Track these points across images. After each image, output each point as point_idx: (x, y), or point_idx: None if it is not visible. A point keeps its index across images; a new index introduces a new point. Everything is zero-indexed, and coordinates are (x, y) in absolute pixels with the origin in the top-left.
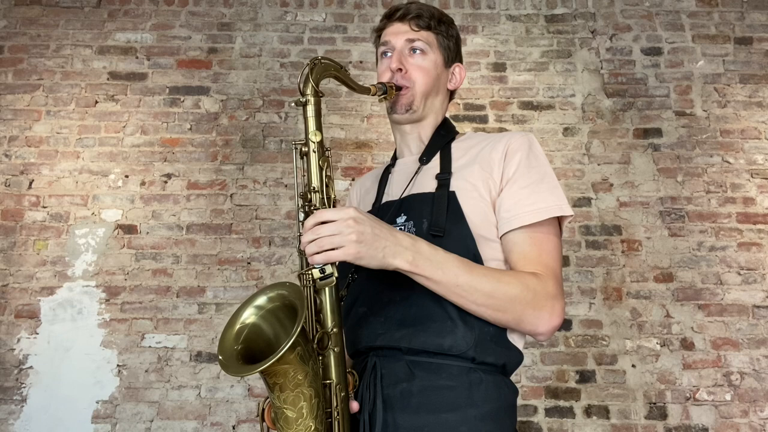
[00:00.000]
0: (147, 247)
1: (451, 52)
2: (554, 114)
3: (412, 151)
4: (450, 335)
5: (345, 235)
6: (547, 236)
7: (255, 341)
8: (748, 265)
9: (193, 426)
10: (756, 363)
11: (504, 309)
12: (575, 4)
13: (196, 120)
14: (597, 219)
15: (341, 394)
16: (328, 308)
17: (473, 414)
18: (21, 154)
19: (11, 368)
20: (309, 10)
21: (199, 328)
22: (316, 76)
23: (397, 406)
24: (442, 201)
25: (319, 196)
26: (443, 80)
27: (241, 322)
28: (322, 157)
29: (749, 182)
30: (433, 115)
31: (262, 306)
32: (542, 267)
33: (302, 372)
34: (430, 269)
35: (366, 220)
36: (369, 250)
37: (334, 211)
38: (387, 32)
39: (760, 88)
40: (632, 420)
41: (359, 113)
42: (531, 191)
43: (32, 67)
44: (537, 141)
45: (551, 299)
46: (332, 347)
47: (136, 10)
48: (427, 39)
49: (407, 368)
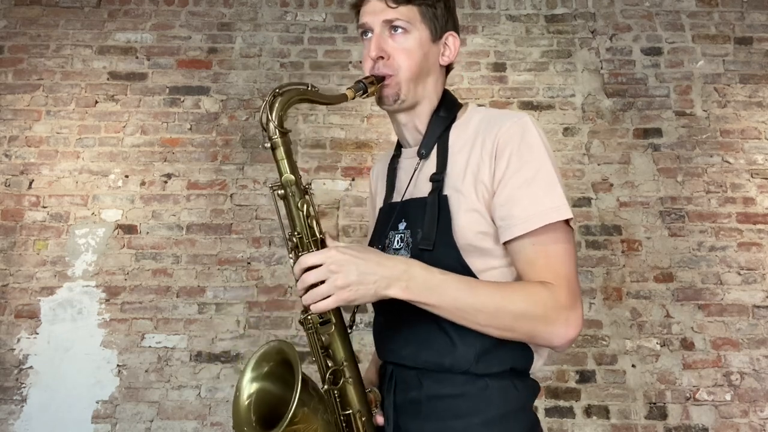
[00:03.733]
0: (147, 247)
1: (438, 23)
2: (554, 114)
3: (410, 142)
4: (449, 355)
5: (330, 282)
6: (553, 241)
7: (266, 405)
8: (748, 265)
9: (193, 426)
10: (756, 363)
11: (511, 328)
12: (575, 4)
13: (196, 120)
14: (597, 219)
15: (363, 419)
16: (338, 342)
17: (478, 420)
18: (21, 154)
19: (11, 368)
20: (309, 10)
21: (199, 328)
22: (279, 111)
23: (408, 413)
24: (433, 209)
25: (305, 240)
26: (433, 58)
27: (249, 394)
28: (301, 199)
29: (749, 182)
30: (427, 101)
31: (261, 368)
32: (552, 275)
33: (314, 425)
34: (426, 295)
35: (350, 259)
36: (358, 290)
37: (316, 255)
38: (364, 11)
39: (760, 88)
40: (632, 420)
41: (359, 113)
42: (523, 194)
43: (32, 67)
44: (533, 124)
45: (565, 310)
46: (347, 379)
47: (136, 10)
48: (407, 15)
49: (416, 378)
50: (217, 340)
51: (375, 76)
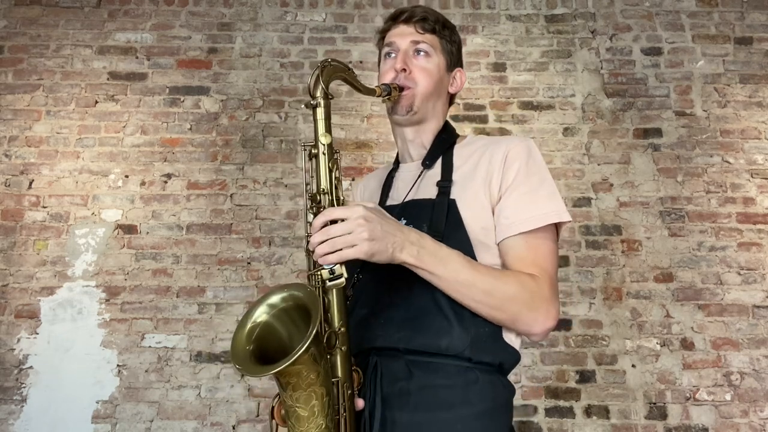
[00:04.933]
0: (147, 247)
1: (453, 57)
2: (554, 114)
3: (413, 157)
4: (446, 336)
5: (357, 233)
6: (543, 240)
7: (267, 340)
8: (748, 265)
9: (193, 426)
10: (756, 363)
11: (501, 307)
12: (575, 4)
13: (196, 120)
14: (597, 219)
15: (348, 392)
16: (336, 308)
17: (468, 412)
18: (21, 154)
19: (11, 368)
20: (309, 10)
21: (199, 328)
22: (326, 78)
23: (395, 403)
24: (441, 208)
25: (329, 198)
26: (445, 84)
27: (253, 321)
28: (331, 159)
29: (749, 182)
30: (435, 120)
31: (274, 305)
32: (538, 269)
33: (315, 371)
34: (434, 264)
35: (375, 217)
36: (380, 246)
37: (343, 210)
38: (392, 34)
39: (760, 88)
40: (632, 420)
41: (359, 113)
42: (530, 198)
43: (32, 67)
44: (536, 147)
45: (546, 301)
46: (340, 346)
47: (136, 10)
48: (431, 42)
49: (406, 368)
50: (217, 340)
51: (398, 85)
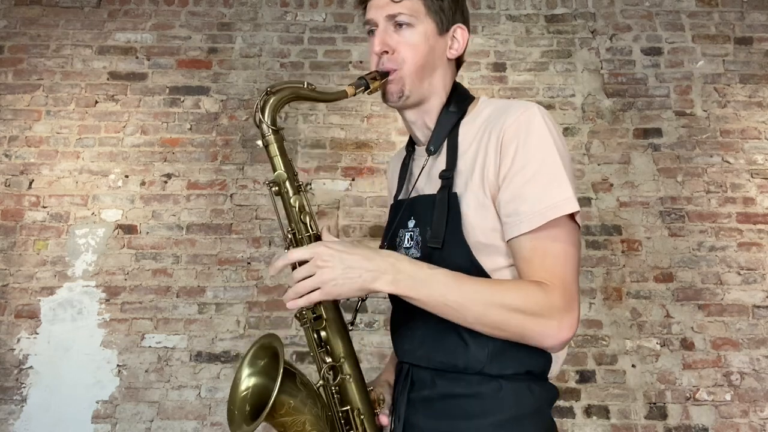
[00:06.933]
0: (147, 247)
1: (445, 15)
2: (554, 114)
3: (421, 140)
4: (462, 356)
5: (318, 276)
6: (552, 239)
7: (259, 399)
8: (748, 265)
9: (193, 426)
10: (756, 363)
11: (500, 327)
12: (575, 4)
13: (196, 120)
14: (597, 219)
15: (360, 417)
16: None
17: (487, 422)
18: (21, 154)
19: (11, 368)
20: (309, 10)
21: (199, 328)
22: (269, 112)
23: (420, 411)
24: (442, 207)
25: (297, 236)
26: (439, 51)
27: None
28: (294, 195)
29: (749, 182)
30: (436, 96)
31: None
32: (548, 275)
33: (302, 418)
34: (414, 289)
35: (335, 254)
36: (345, 283)
37: (303, 250)
38: (369, 6)
39: (760, 88)
40: (632, 420)
41: (359, 113)
42: (527, 191)
43: (32, 67)
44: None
45: (558, 312)
46: (345, 376)
47: (136, 10)
48: (411, 8)
49: (430, 377)
50: (217, 340)
51: (378, 72)
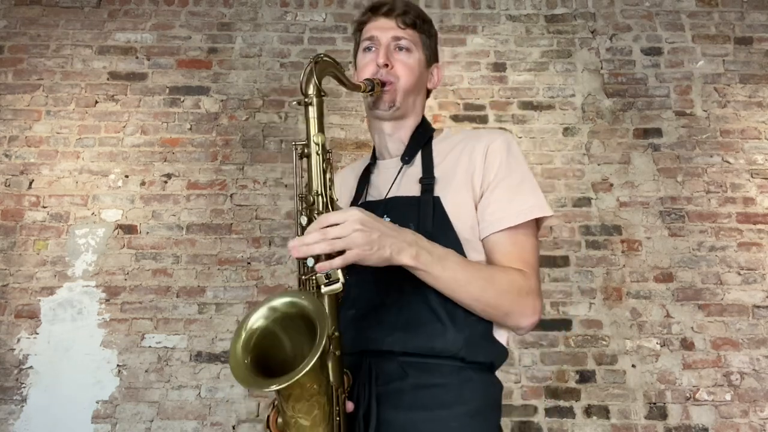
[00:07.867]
0: (147, 247)
1: (431, 52)
2: (554, 114)
3: (392, 153)
4: (440, 338)
5: (355, 237)
6: (526, 236)
7: (267, 348)
8: (748, 265)
9: (193, 426)
10: (756, 363)
11: (495, 303)
12: (575, 4)
13: (196, 120)
14: (597, 219)
15: (342, 396)
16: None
17: (463, 410)
18: (21, 154)
19: (11, 368)
20: (309, 10)
21: (199, 328)
22: (318, 74)
23: (389, 403)
24: (427, 206)
25: (322, 200)
26: (424, 79)
27: (251, 327)
28: (325, 160)
29: (749, 182)
30: (414, 115)
31: (276, 309)
32: (524, 264)
33: (318, 382)
34: (432, 264)
35: (371, 220)
36: (377, 249)
37: (339, 214)
38: (372, 26)
39: (760, 88)
40: (632, 420)
41: (359, 113)
42: (513, 194)
43: (32, 67)
44: (515, 140)
45: (533, 295)
46: (333, 350)
47: (136, 10)
48: (412, 37)
49: (400, 368)
50: (217, 340)
51: (380, 80)
